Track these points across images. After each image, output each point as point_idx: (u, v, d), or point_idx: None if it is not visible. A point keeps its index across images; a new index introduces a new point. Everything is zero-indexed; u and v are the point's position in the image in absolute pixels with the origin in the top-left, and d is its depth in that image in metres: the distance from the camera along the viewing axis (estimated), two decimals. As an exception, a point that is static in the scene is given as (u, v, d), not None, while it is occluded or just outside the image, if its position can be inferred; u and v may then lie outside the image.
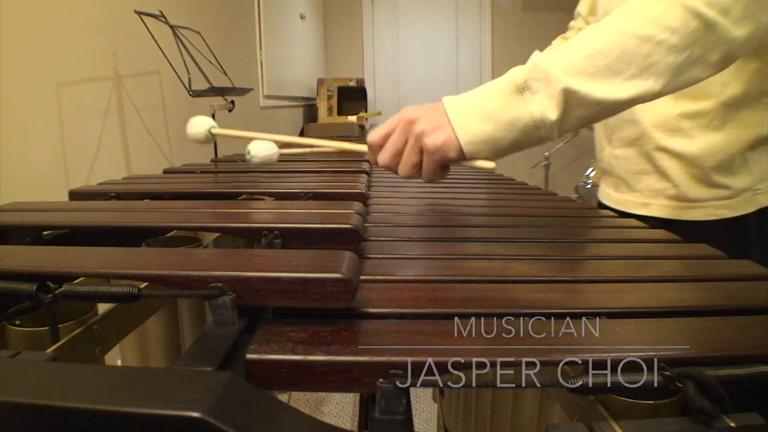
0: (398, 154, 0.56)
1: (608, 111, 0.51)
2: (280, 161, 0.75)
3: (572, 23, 1.04)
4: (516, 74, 0.52)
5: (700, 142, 0.74)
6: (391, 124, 0.56)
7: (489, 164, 0.55)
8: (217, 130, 0.72)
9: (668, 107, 0.76)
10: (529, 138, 0.52)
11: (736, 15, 0.49)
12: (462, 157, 0.54)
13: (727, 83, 0.71)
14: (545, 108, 0.50)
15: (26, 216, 0.61)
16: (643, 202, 0.82)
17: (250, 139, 0.71)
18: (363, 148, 0.60)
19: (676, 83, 0.51)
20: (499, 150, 0.53)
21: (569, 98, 0.50)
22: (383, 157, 0.57)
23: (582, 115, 0.51)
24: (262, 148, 0.73)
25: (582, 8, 1.00)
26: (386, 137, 0.56)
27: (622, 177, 0.85)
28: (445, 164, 0.55)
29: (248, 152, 0.79)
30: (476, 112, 0.52)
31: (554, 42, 1.05)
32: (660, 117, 0.76)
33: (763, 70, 0.70)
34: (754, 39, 0.51)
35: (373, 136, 0.57)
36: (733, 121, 0.72)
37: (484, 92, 0.54)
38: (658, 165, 0.78)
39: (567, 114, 0.51)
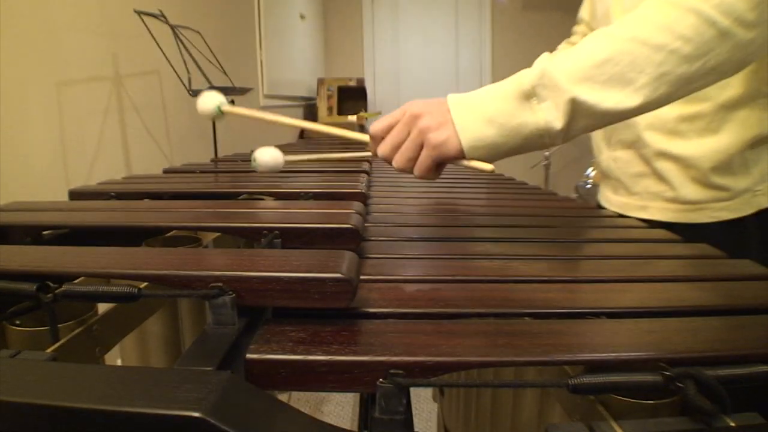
0: (399, 147, 0.55)
1: (615, 119, 0.51)
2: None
3: (575, 28, 1.03)
4: (523, 79, 0.51)
5: (698, 145, 0.73)
6: (396, 116, 0.55)
7: (487, 166, 0.54)
8: (227, 108, 0.70)
9: (665, 110, 0.74)
10: (531, 144, 0.51)
11: (750, 21, 0.47)
12: (461, 157, 0.53)
13: (725, 85, 0.70)
14: (551, 117, 0.49)
15: (26, 216, 0.61)
16: (642, 205, 0.81)
17: (262, 119, 0.68)
18: (365, 137, 0.60)
19: (686, 91, 0.50)
20: (499, 153, 0.53)
21: (577, 108, 0.49)
22: (383, 148, 0.56)
23: (588, 124, 0.50)
24: (268, 156, 0.71)
25: (584, 13, 0.99)
26: (389, 128, 0.55)
27: (620, 180, 0.84)
28: (441, 162, 0.54)
29: (254, 159, 0.77)
30: (480, 114, 0.51)
31: (560, 47, 1.05)
32: (657, 120, 0.76)
33: (761, 70, 0.69)
34: (767, 44, 0.49)
35: (376, 126, 0.56)
36: (731, 123, 0.72)
37: (489, 94, 0.52)
38: (656, 167, 0.78)
39: (573, 123, 0.50)
